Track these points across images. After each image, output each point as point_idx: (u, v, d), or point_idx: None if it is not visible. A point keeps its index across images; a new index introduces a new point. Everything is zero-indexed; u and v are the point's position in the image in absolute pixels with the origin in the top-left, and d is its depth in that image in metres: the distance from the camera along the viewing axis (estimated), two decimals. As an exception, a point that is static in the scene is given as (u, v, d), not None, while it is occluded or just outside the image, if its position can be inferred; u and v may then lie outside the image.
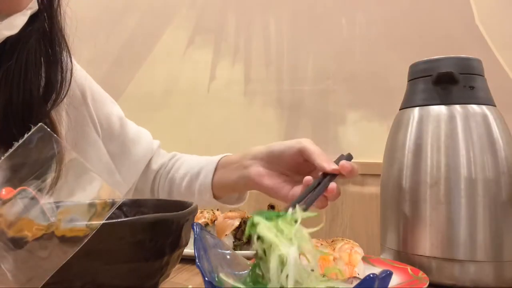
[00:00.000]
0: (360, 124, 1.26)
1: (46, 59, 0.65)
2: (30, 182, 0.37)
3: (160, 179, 0.82)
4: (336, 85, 1.28)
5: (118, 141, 0.78)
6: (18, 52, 0.61)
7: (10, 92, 0.60)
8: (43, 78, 0.64)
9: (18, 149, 0.37)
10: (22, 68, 0.61)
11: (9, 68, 0.60)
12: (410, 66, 0.69)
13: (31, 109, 0.62)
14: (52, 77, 0.65)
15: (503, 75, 1.13)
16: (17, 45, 0.61)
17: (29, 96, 0.62)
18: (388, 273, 0.32)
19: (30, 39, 0.62)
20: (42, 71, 0.64)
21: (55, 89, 0.65)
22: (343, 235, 1.22)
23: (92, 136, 0.74)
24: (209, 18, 1.39)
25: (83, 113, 0.73)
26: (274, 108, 1.33)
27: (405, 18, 1.22)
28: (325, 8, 1.29)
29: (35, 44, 0.63)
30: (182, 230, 0.43)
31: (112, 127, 0.78)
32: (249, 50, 1.37)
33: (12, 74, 0.60)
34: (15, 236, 0.34)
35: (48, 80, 0.65)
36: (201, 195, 0.75)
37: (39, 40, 0.63)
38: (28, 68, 0.62)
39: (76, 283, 0.37)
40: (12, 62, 0.60)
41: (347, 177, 0.58)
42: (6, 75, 0.60)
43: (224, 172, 0.73)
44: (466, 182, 0.58)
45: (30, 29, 0.61)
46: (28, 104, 0.62)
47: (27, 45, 0.61)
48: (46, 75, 0.65)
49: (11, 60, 0.60)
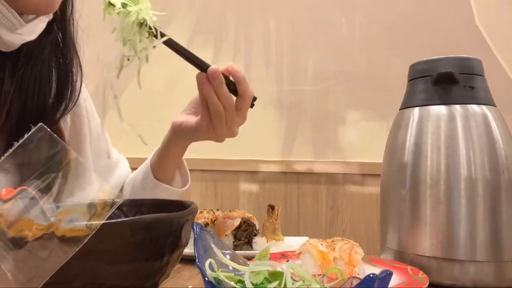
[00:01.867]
0: (360, 124, 1.26)
1: (58, 68, 0.66)
2: (30, 182, 0.37)
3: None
4: (336, 85, 1.28)
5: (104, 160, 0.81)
6: (33, 61, 0.62)
7: (24, 99, 0.61)
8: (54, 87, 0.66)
9: (18, 149, 0.37)
10: (36, 76, 0.63)
11: (24, 76, 0.61)
12: (410, 66, 0.69)
13: (44, 117, 0.63)
14: (63, 85, 0.67)
15: (503, 75, 1.13)
16: (32, 54, 0.62)
17: (42, 104, 0.64)
18: (388, 273, 0.32)
19: (45, 48, 0.64)
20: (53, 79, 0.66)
21: (66, 98, 0.67)
22: (343, 235, 1.22)
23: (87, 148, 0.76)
24: (209, 18, 1.39)
25: (84, 128, 0.75)
26: (274, 108, 1.33)
27: (405, 18, 1.22)
28: (325, 8, 1.29)
29: (49, 54, 0.64)
30: (182, 230, 0.43)
31: (101, 146, 0.81)
32: (249, 50, 1.37)
33: (27, 82, 0.62)
34: (15, 236, 0.34)
35: (59, 88, 0.66)
36: (144, 182, 0.77)
37: (53, 49, 0.65)
38: (43, 76, 0.64)
39: (76, 283, 0.37)
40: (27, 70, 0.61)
41: (231, 73, 0.63)
42: (21, 83, 0.61)
43: (156, 151, 0.78)
44: (466, 182, 0.58)
45: (45, 39, 0.63)
46: (41, 111, 0.63)
47: (42, 54, 0.63)
48: (57, 83, 0.66)
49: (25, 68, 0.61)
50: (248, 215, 0.83)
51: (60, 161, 0.40)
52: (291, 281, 0.36)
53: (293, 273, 0.38)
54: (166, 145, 0.75)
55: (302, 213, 1.28)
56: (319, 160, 1.27)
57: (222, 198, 1.35)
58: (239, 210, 0.85)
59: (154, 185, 0.76)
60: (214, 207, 0.92)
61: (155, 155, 0.78)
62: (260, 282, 0.36)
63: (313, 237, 0.66)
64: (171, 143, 0.75)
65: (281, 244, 0.80)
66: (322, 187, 1.26)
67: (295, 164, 1.29)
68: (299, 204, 1.28)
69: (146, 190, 0.77)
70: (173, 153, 0.76)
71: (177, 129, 0.72)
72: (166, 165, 0.77)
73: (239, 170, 1.33)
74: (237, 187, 1.34)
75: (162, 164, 0.77)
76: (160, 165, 0.77)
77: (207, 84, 0.63)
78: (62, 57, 0.66)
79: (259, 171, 1.32)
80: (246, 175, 1.33)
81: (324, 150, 1.28)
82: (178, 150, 0.76)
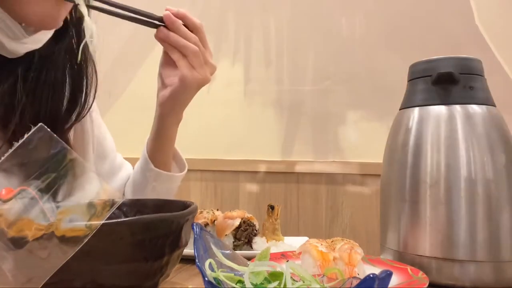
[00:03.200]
0: (360, 124, 1.26)
1: (72, 74, 0.66)
2: (30, 182, 0.37)
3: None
4: (336, 85, 1.28)
5: (108, 163, 0.81)
6: (47, 68, 0.62)
7: (38, 106, 0.61)
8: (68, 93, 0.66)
9: (18, 149, 0.37)
10: (50, 83, 0.63)
11: (37, 83, 0.61)
12: (410, 66, 0.69)
13: (57, 123, 0.63)
14: (77, 92, 0.67)
15: (503, 75, 1.13)
16: (45, 61, 0.62)
17: (55, 110, 0.64)
18: (388, 273, 0.32)
19: (60, 54, 0.64)
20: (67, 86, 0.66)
21: (79, 104, 0.67)
22: (343, 235, 1.22)
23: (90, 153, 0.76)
24: (209, 18, 1.39)
25: (87, 129, 0.75)
26: (274, 108, 1.33)
27: (405, 18, 1.22)
28: (325, 8, 1.29)
29: (63, 60, 0.65)
30: (182, 230, 0.43)
31: (104, 147, 0.81)
32: (249, 50, 1.37)
33: (40, 89, 0.62)
34: (15, 236, 0.34)
35: (73, 95, 0.67)
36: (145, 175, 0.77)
37: (67, 56, 0.65)
38: (56, 83, 0.64)
39: (76, 283, 0.37)
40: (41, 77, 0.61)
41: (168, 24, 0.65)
42: (34, 89, 0.61)
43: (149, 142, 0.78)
44: (466, 182, 0.58)
45: (59, 46, 0.63)
46: (55, 118, 0.64)
47: (56, 61, 0.63)
48: (71, 90, 0.67)
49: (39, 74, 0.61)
50: (248, 215, 0.83)
51: (60, 161, 0.40)
52: (291, 281, 0.36)
53: (293, 273, 0.38)
54: (161, 129, 0.75)
55: (302, 213, 1.28)
56: (319, 160, 1.27)
57: (222, 198, 1.35)
58: (239, 210, 0.84)
59: (156, 175, 0.76)
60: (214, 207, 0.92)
61: (150, 146, 0.77)
62: (260, 282, 0.36)
63: (313, 237, 0.66)
64: (166, 123, 0.74)
65: (281, 244, 0.80)
66: (322, 187, 1.26)
67: (295, 164, 1.29)
68: (299, 204, 1.28)
69: (149, 183, 0.76)
70: (169, 133, 0.75)
71: (168, 102, 0.71)
72: (163, 150, 0.77)
73: (239, 170, 1.33)
74: (237, 187, 1.34)
75: (160, 151, 0.77)
76: (158, 152, 0.77)
77: (171, 33, 0.65)
78: (77, 63, 0.66)
79: (259, 171, 1.32)
80: (246, 175, 1.33)
81: (324, 150, 1.28)
82: (172, 127, 0.75)
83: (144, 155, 0.77)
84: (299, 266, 0.38)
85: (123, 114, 1.45)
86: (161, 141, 0.76)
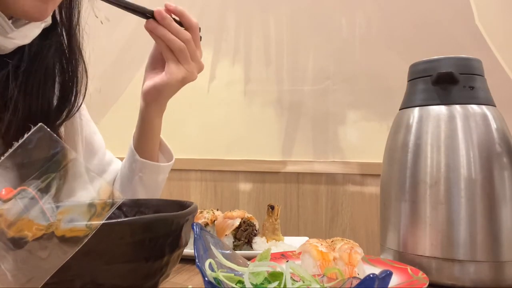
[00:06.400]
0: (360, 124, 1.26)
1: (62, 72, 0.67)
2: (30, 182, 0.37)
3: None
4: (336, 85, 1.28)
5: (97, 159, 0.81)
6: (37, 64, 0.62)
7: (29, 102, 0.62)
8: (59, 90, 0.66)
9: (17, 149, 0.37)
10: (41, 79, 0.63)
11: (28, 79, 0.61)
12: (410, 66, 0.69)
13: (48, 120, 0.63)
14: (67, 89, 0.67)
15: (503, 75, 1.13)
16: (36, 57, 0.62)
17: (47, 106, 0.64)
18: (388, 273, 0.32)
19: (49, 52, 0.64)
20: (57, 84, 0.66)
21: (70, 101, 0.67)
22: (343, 235, 1.22)
23: (80, 150, 0.76)
24: (209, 18, 1.39)
25: (76, 126, 0.75)
26: (274, 108, 1.33)
27: (405, 18, 1.22)
28: (325, 8, 1.29)
29: (53, 57, 0.65)
30: (182, 230, 0.43)
31: (93, 144, 0.81)
32: (249, 50, 1.37)
33: (31, 84, 0.62)
34: (15, 236, 0.34)
35: (64, 92, 0.67)
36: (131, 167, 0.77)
37: (57, 53, 0.65)
38: (47, 79, 0.64)
39: (76, 283, 0.37)
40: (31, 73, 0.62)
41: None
42: (25, 85, 0.61)
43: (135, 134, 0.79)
44: (466, 182, 0.58)
45: (48, 42, 0.63)
46: (46, 114, 0.64)
47: (46, 57, 0.63)
48: (61, 87, 0.67)
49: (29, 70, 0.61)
50: (248, 215, 0.83)
51: (60, 161, 0.40)
52: (291, 281, 0.36)
53: (293, 273, 0.38)
54: (145, 119, 0.75)
55: (302, 213, 1.28)
56: (319, 160, 1.27)
57: (222, 198, 1.35)
58: (239, 210, 0.85)
59: (142, 165, 0.76)
60: (214, 207, 0.92)
61: (136, 138, 0.78)
62: (260, 283, 0.36)
63: (313, 237, 0.66)
64: (150, 113, 0.74)
65: (281, 244, 0.80)
66: (322, 187, 1.26)
67: (295, 164, 1.29)
68: (299, 204, 1.28)
69: (135, 174, 0.77)
70: (153, 124, 0.76)
71: (152, 92, 0.72)
72: (148, 141, 0.77)
73: (239, 170, 1.33)
74: (237, 187, 1.34)
75: (145, 142, 0.77)
76: (143, 143, 0.77)
77: (159, 26, 0.66)
78: (67, 61, 0.67)
79: (259, 171, 1.32)
80: (246, 175, 1.33)
81: (324, 150, 1.28)
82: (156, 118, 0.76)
83: (130, 147, 0.78)
84: (299, 266, 0.38)
85: (123, 114, 1.45)
86: (146, 132, 0.76)
